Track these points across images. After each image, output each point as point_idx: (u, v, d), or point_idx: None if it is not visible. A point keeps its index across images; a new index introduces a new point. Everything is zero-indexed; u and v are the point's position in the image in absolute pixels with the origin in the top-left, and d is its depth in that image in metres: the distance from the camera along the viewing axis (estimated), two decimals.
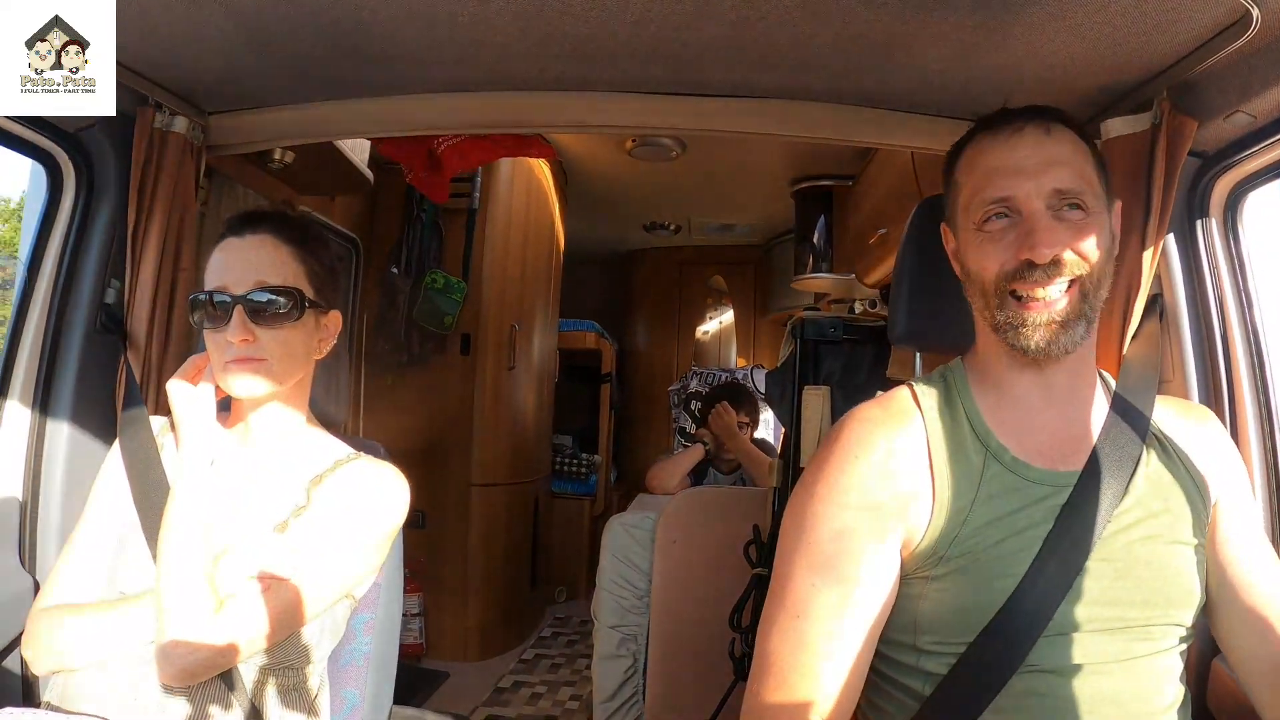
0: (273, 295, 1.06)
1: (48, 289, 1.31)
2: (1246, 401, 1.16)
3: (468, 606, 3.29)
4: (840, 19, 1.10)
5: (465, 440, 3.31)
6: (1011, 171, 0.88)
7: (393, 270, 3.10)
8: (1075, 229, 0.86)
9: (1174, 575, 0.88)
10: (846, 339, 1.55)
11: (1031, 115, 0.90)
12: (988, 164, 0.90)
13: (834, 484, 0.89)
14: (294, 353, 1.08)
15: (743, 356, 5.24)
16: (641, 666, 2.02)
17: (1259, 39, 0.96)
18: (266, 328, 1.05)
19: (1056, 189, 0.86)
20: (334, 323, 1.15)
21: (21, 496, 1.28)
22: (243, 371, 1.05)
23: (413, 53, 1.27)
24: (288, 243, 1.10)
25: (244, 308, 1.04)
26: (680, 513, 1.94)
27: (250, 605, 0.99)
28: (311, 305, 1.09)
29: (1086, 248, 0.86)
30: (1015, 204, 0.87)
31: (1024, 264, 0.86)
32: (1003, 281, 0.88)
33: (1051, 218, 0.86)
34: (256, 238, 1.09)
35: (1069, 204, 0.87)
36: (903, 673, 0.89)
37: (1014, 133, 0.89)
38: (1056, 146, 0.88)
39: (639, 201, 4.31)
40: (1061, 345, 0.87)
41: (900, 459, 0.89)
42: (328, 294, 1.13)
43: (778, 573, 0.90)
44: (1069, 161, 0.88)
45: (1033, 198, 0.87)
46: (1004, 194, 0.88)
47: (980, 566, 0.85)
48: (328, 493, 1.09)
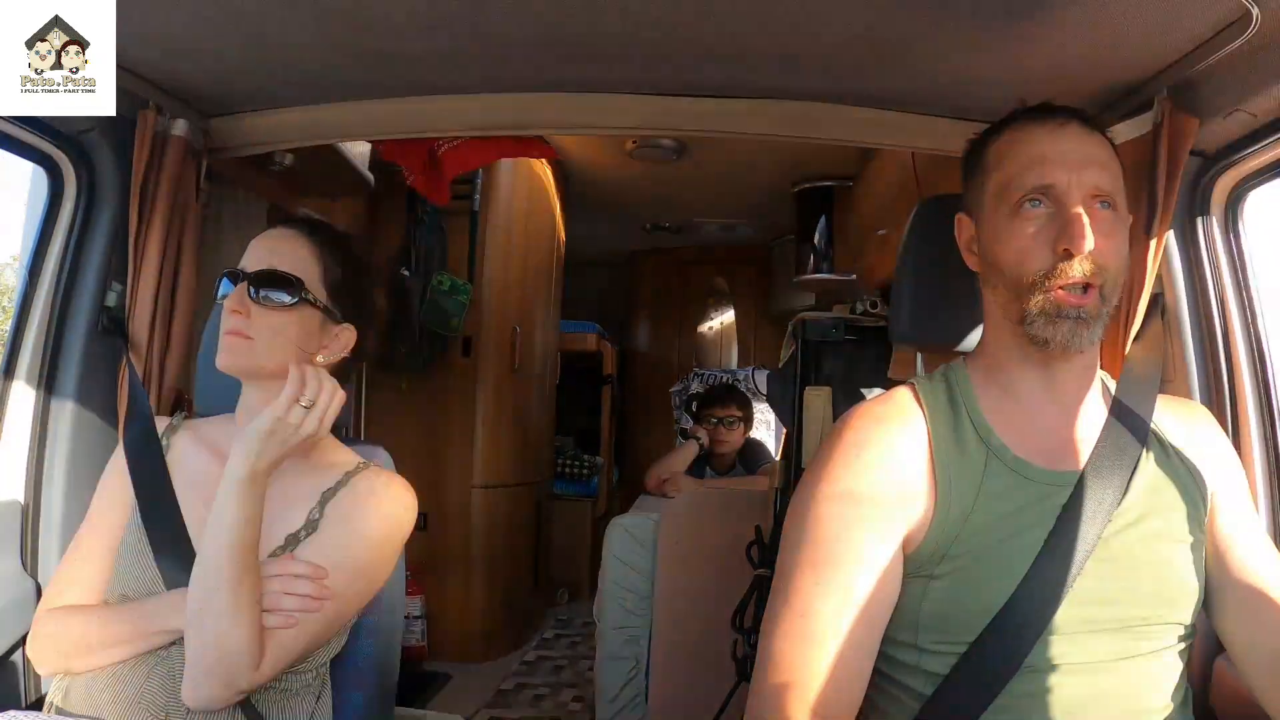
0: (273, 278, 1.08)
1: (49, 292, 1.31)
2: (1248, 401, 1.16)
3: (470, 608, 3.29)
4: (841, 20, 1.10)
5: (467, 442, 3.31)
6: (1056, 161, 0.87)
7: (404, 273, 3.09)
8: (1106, 230, 0.87)
9: (1174, 574, 0.88)
10: (848, 339, 1.55)
11: (1075, 113, 0.91)
12: (1030, 151, 0.89)
13: (836, 482, 0.89)
14: (281, 341, 1.08)
15: (744, 357, 5.24)
16: (644, 668, 2.02)
17: (1259, 38, 0.96)
18: (262, 307, 1.07)
19: (1096, 185, 0.87)
20: (345, 336, 1.14)
21: (23, 500, 1.28)
22: (230, 342, 1.07)
23: (413, 55, 1.28)
24: (311, 242, 1.12)
25: (247, 283, 1.07)
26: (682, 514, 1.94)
27: (286, 650, 1.00)
28: (314, 303, 1.10)
29: (1112, 248, 0.87)
30: (1056, 194, 0.87)
31: (1063, 255, 0.85)
32: (1039, 276, 0.87)
33: (1089, 215, 0.86)
34: (286, 231, 1.13)
35: (1102, 202, 0.87)
36: (904, 672, 0.89)
37: (1059, 125, 0.90)
38: (1097, 147, 0.89)
39: (640, 203, 4.31)
40: (1082, 341, 0.87)
41: (902, 458, 0.89)
42: (344, 305, 1.13)
43: (780, 571, 0.90)
44: (1107, 164, 0.89)
45: (1074, 190, 0.86)
46: (1049, 180, 0.87)
47: (981, 566, 0.85)
48: (344, 510, 1.09)
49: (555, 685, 3.20)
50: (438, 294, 3.11)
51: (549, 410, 4.17)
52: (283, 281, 1.08)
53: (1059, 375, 0.92)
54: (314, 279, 1.10)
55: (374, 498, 1.10)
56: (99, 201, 1.34)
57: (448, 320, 3.17)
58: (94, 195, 1.34)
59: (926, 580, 0.87)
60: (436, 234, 3.21)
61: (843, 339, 1.55)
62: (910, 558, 0.88)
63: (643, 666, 2.03)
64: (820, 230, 3.58)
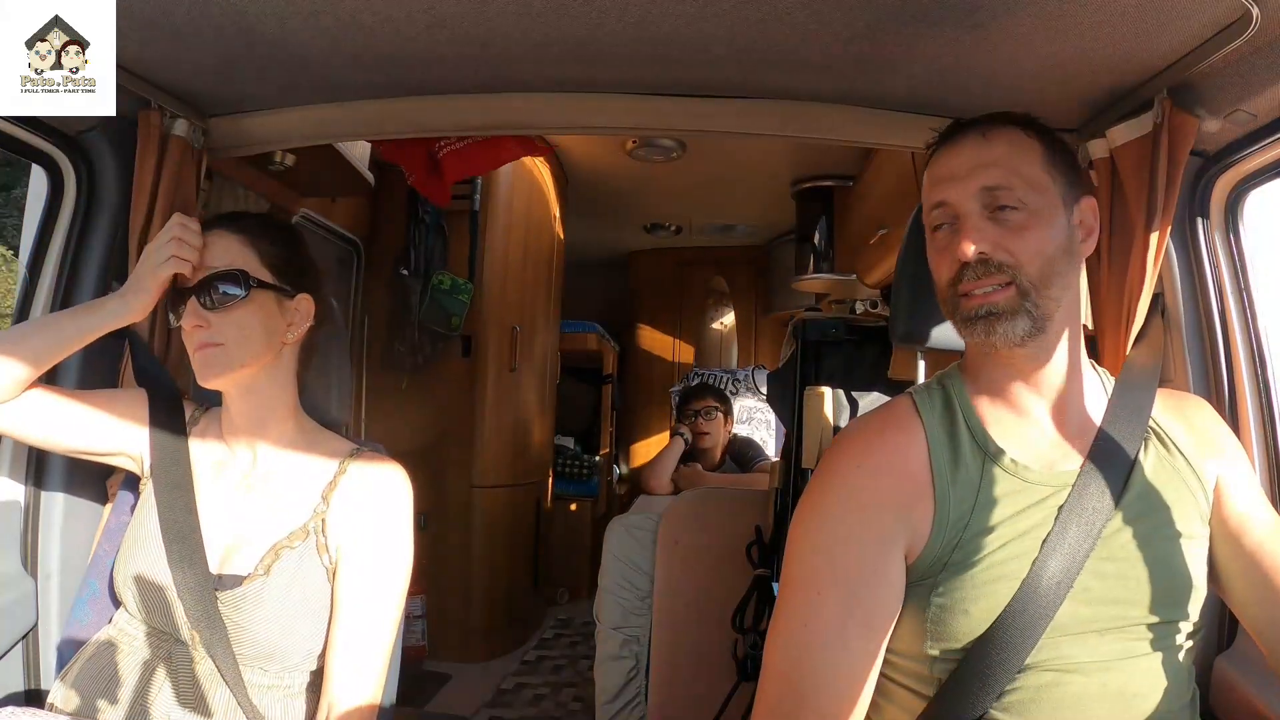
0: (217, 279, 1.09)
1: (49, 291, 1.31)
2: (1247, 400, 1.16)
3: (470, 608, 3.29)
4: (841, 19, 1.10)
5: (467, 442, 3.30)
6: (947, 178, 0.92)
7: (403, 272, 3.09)
8: (1008, 229, 0.88)
9: (1176, 571, 0.88)
10: (848, 339, 1.55)
11: (974, 123, 0.94)
12: (932, 175, 0.95)
13: (838, 493, 0.91)
14: (250, 334, 1.09)
15: (744, 357, 5.24)
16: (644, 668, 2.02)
17: (1259, 38, 0.96)
18: (217, 311, 1.08)
19: (984, 186, 0.89)
20: (304, 305, 1.16)
21: (24, 500, 1.28)
22: (204, 356, 1.08)
23: (413, 55, 1.28)
24: (236, 232, 1.13)
25: (195, 297, 1.08)
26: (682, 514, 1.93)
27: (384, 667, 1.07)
28: (264, 286, 1.11)
29: (1020, 246, 0.88)
30: (951, 209, 0.91)
31: (961, 266, 0.89)
32: (951, 287, 0.91)
33: (983, 219, 0.89)
34: (210, 235, 1.13)
35: (1000, 204, 0.89)
36: (907, 676, 0.90)
37: (954, 143, 0.94)
38: (990, 149, 0.91)
39: (640, 203, 4.31)
40: (1001, 336, 0.88)
41: (902, 468, 0.90)
42: (291, 278, 1.14)
43: (784, 581, 0.91)
44: (1000, 162, 0.90)
45: (964, 200, 0.90)
46: (940, 198, 0.92)
47: (983, 571, 0.85)
48: (354, 526, 1.10)
49: (555, 685, 3.19)
50: (438, 293, 3.11)
51: (549, 410, 4.17)
52: (227, 279, 1.09)
53: (1030, 375, 0.93)
54: (254, 265, 1.11)
55: (378, 496, 1.12)
56: (99, 201, 1.34)
57: (448, 319, 3.18)
58: (94, 195, 1.34)
59: (930, 587, 0.87)
60: (437, 234, 3.21)
61: (843, 339, 1.55)
62: (912, 566, 0.88)
63: (643, 666, 2.03)
64: (820, 230, 3.58)
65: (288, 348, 1.15)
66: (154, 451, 1.13)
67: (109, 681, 1.01)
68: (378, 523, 1.10)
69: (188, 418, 1.18)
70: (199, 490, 1.10)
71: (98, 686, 1.01)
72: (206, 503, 1.10)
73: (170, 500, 1.08)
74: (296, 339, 1.16)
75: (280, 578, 1.05)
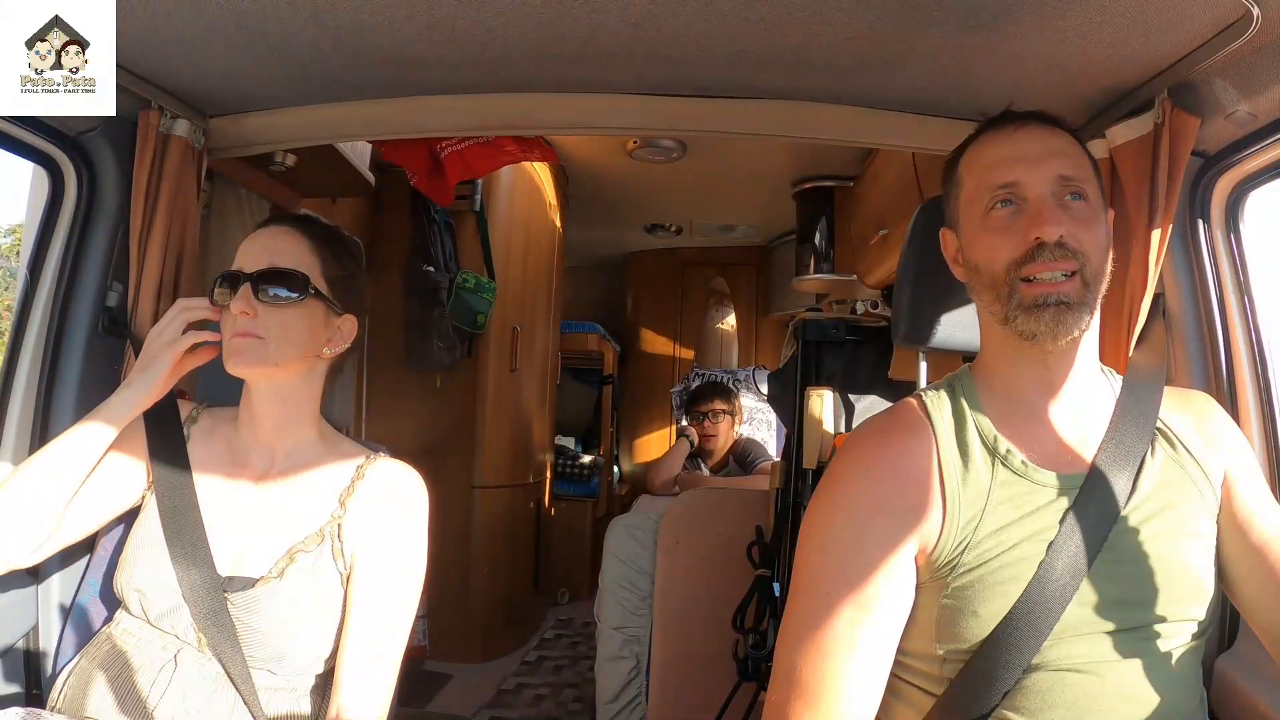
0: (278, 275, 1.08)
1: (49, 292, 1.30)
2: (1249, 400, 1.16)
3: (470, 608, 3.29)
4: (841, 20, 1.10)
5: (467, 442, 3.30)
6: (1017, 159, 0.90)
7: (428, 269, 3.09)
8: (1078, 217, 0.88)
9: (1184, 571, 0.87)
10: (849, 340, 1.55)
11: (1033, 115, 0.93)
12: (992, 157, 0.92)
13: (848, 495, 0.91)
14: (293, 337, 1.08)
15: (744, 357, 5.24)
16: (644, 668, 2.02)
17: (1260, 37, 0.96)
18: (269, 305, 1.07)
19: (1061, 175, 0.88)
20: (348, 326, 1.15)
21: None
22: (241, 344, 1.06)
23: (413, 55, 1.28)
24: (307, 236, 1.13)
25: (251, 284, 1.07)
26: (683, 514, 1.94)
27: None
28: (319, 296, 1.10)
29: (1089, 236, 0.88)
30: (1021, 190, 0.89)
31: (1034, 246, 0.86)
32: (1013, 269, 0.88)
33: (1056, 204, 0.88)
34: (280, 228, 1.13)
35: (1071, 192, 0.88)
36: (917, 675, 0.90)
37: (1018, 128, 0.92)
38: (1059, 140, 0.91)
39: (640, 203, 4.31)
40: (1069, 328, 0.87)
41: (911, 470, 0.90)
42: (342, 297, 1.14)
43: (795, 584, 0.91)
44: (1071, 154, 0.91)
45: (1038, 182, 0.88)
46: (1010, 179, 0.89)
47: (993, 572, 0.85)
48: (371, 531, 1.10)
49: (555, 685, 3.19)
50: (463, 291, 3.12)
51: (549, 410, 4.17)
52: (288, 278, 1.08)
53: (1056, 373, 0.92)
54: (315, 273, 1.11)
55: (394, 503, 1.13)
56: (99, 201, 1.34)
57: (474, 317, 3.19)
58: (94, 195, 1.34)
59: (939, 588, 0.87)
60: (449, 233, 3.22)
61: (843, 340, 1.55)
62: (922, 567, 0.88)
63: (643, 666, 2.04)
64: (820, 230, 3.57)
65: (322, 361, 1.15)
66: (154, 453, 1.12)
67: (110, 682, 1.01)
68: (394, 529, 1.10)
69: (185, 416, 1.17)
70: (208, 490, 1.10)
71: (98, 687, 1.01)
72: (217, 503, 1.10)
73: (171, 499, 1.08)
74: (332, 355, 1.15)
75: (294, 581, 1.05)
